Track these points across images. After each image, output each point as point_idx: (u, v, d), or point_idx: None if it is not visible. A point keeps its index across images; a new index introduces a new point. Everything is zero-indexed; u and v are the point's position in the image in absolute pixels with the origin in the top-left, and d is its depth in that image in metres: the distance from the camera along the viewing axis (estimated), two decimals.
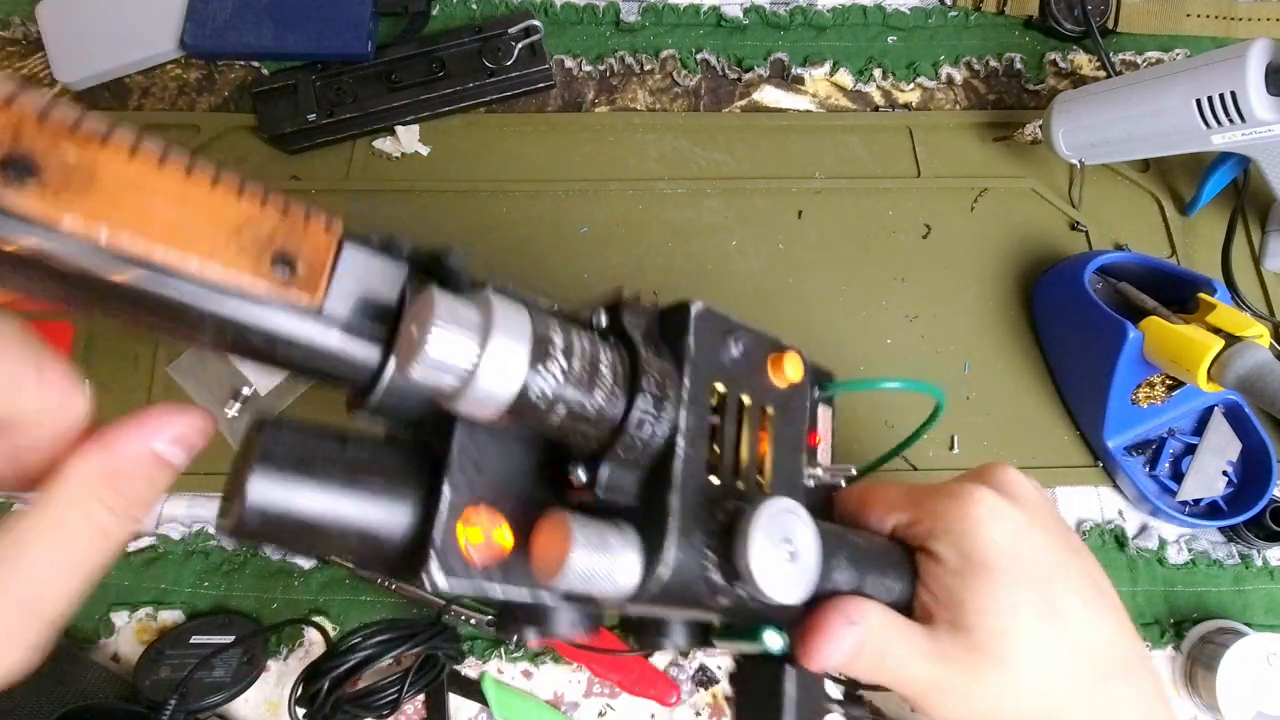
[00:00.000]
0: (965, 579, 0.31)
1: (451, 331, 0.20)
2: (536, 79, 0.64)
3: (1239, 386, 0.45)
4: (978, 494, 0.33)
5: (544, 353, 0.22)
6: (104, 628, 0.51)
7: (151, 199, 0.19)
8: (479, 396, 0.21)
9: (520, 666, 0.51)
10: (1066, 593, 0.32)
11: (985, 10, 0.69)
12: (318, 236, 0.21)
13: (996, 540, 0.32)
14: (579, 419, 0.23)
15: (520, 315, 0.22)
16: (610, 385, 0.24)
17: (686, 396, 0.25)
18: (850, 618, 0.30)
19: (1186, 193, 0.62)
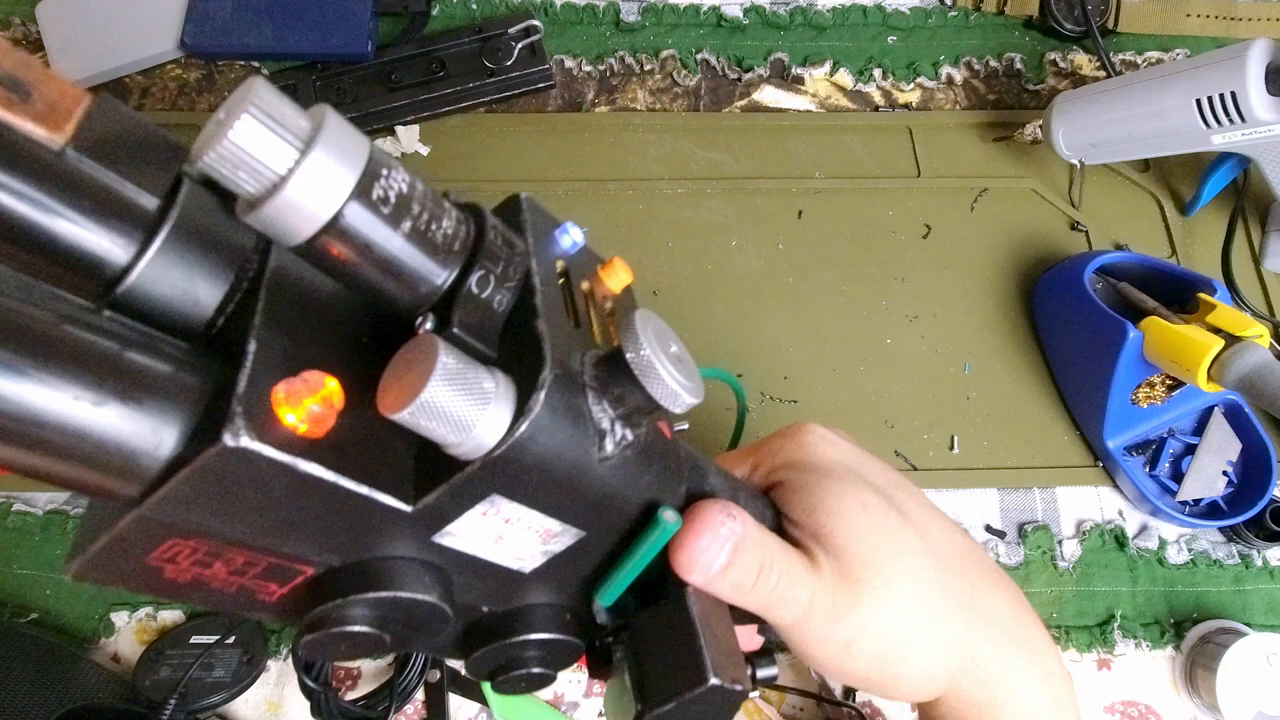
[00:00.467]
0: (813, 491, 0.32)
1: (268, 125, 0.17)
2: (536, 79, 0.64)
3: (1239, 386, 0.45)
4: (806, 426, 0.35)
5: (370, 184, 0.18)
6: (104, 628, 0.51)
7: None
8: (281, 211, 0.17)
9: None
10: (910, 501, 0.33)
11: (985, 10, 0.69)
12: (58, 83, 0.18)
13: (831, 456, 0.33)
14: (401, 271, 0.20)
15: (359, 140, 0.18)
16: (449, 236, 0.20)
17: (535, 255, 0.23)
18: (729, 511, 0.27)
19: (1186, 193, 0.62)
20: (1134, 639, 0.52)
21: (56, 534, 0.53)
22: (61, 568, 0.22)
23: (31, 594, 0.52)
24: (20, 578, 0.52)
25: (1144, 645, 0.52)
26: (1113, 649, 0.51)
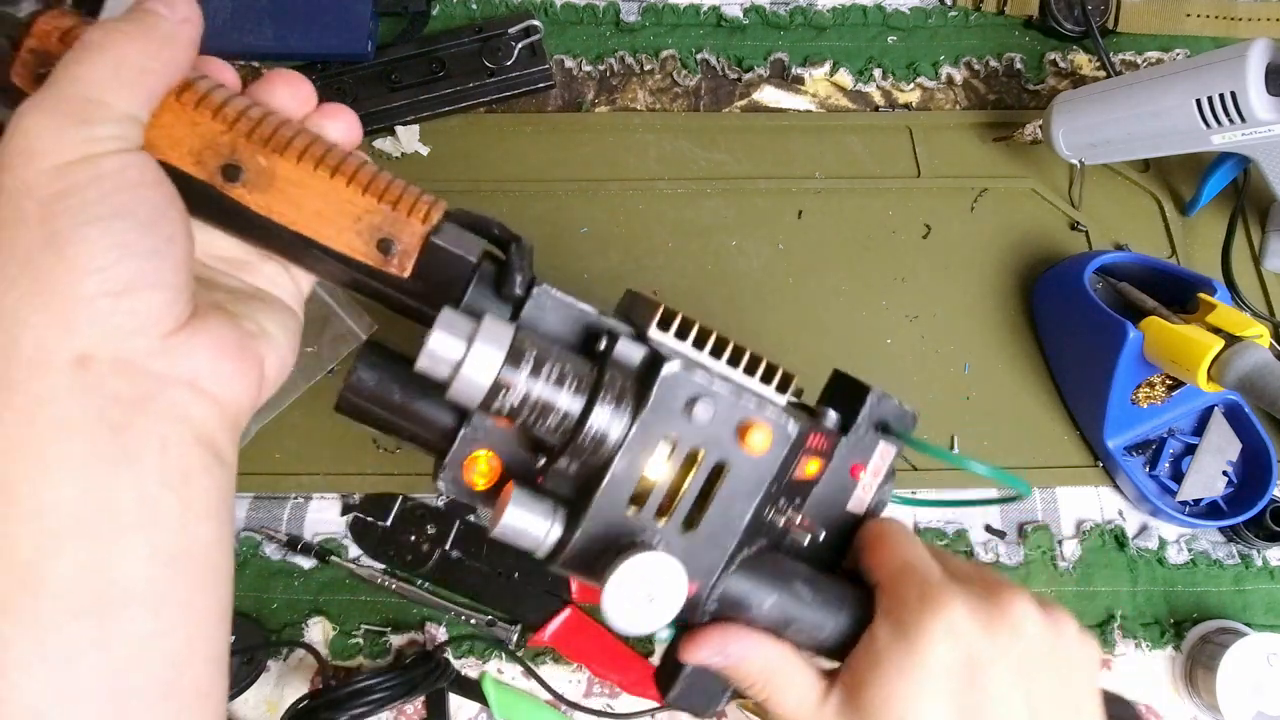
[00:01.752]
0: (881, 668, 0.31)
1: (446, 334, 0.28)
2: (536, 79, 0.64)
3: (1239, 386, 0.45)
4: (949, 610, 0.31)
5: (517, 359, 0.28)
6: None
7: (305, 193, 0.29)
8: (463, 384, 0.28)
9: (520, 666, 0.51)
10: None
11: (985, 10, 0.69)
12: (415, 227, 0.30)
13: (936, 656, 0.30)
14: (543, 419, 0.29)
15: (504, 330, 0.28)
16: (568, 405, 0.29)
17: (628, 440, 0.29)
18: (721, 650, 0.32)
19: (1186, 193, 0.62)
20: (1134, 639, 0.52)
21: None
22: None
23: None
24: None
25: (1144, 645, 0.52)
26: (1113, 649, 0.51)
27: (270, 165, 0.29)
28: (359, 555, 0.53)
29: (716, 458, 0.30)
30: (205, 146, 0.28)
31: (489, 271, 0.32)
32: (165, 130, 0.28)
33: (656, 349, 0.30)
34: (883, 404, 0.35)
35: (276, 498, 0.54)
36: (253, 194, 0.29)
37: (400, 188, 0.30)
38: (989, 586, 0.32)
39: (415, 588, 0.52)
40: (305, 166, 0.29)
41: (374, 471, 0.55)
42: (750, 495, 0.31)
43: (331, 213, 0.29)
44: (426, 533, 0.53)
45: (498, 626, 0.51)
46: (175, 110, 0.28)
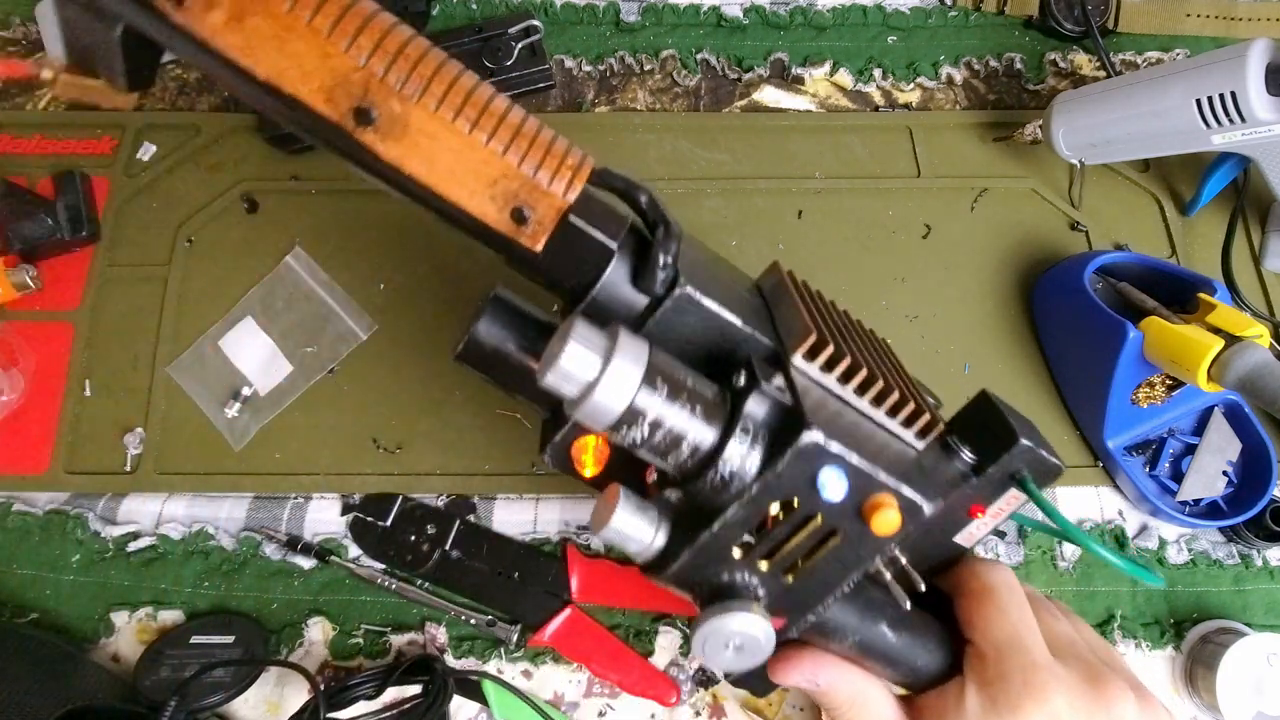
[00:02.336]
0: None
1: (583, 348, 0.25)
2: (536, 79, 0.64)
3: (1239, 386, 0.45)
4: (1054, 695, 0.30)
5: (652, 383, 0.26)
6: (104, 628, 0.51)
7: (440, 147, 0.27)
8: (594, 406, 0.26)
9: (520, 666, 0.51)
10: None
11: (985, 10, 0.69)
12: (553, 200, 0.28)
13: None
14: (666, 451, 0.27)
15: (640, 347, 0.26)
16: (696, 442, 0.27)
17: (750, 495, 0.27)
18: (813, 678, 0.33)
19: (1186, 193, 0.62)
20: (1134, 639, 0.52)
21: (56, 534, 0.53)
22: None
23: (31, 594, 0.52)
24: (20, 578, 0.52)
25: (1144, 645, 0.52)
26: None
27: (404, 112, 0.26)
28: (359, 555, 0.53)
29: (832, 526, 0.28)
30: (337, 84, 0.26)
31: (629, 246, 0.29)
32: (297, 60, 0.25)
33: (795, 380, 0.28)
34: (1026, 455, 0.31)
35: (276, 498, 0.54)
36: (385, 142, 0.26)
37: (545, 144, 0.28)
38: (1093, 674, 0.32)
39: (415, 588, 0.52)
40: (442, 116, 0.26)
41: (374, 471, 0.55)
42: (860, 563, 0.29)
43: (466, 172, 0.27)
44: (426, 533, 0.53)
45: (498, 626, 0.51)
46: (308, 37, 0.25)
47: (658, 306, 0.28)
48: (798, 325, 0.29)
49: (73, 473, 0.55)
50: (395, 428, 0.56)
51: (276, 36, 0.25)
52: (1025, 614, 0.33)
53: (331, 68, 0.26)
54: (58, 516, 0.53)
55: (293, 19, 0.25)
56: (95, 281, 0.59)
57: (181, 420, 0.56)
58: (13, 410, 0.56)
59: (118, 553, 0.53)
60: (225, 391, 0.56)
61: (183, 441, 0.56)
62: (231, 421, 0.56)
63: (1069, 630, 0.34)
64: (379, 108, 0.26)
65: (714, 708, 0.51)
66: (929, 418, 0.29)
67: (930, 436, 0.29)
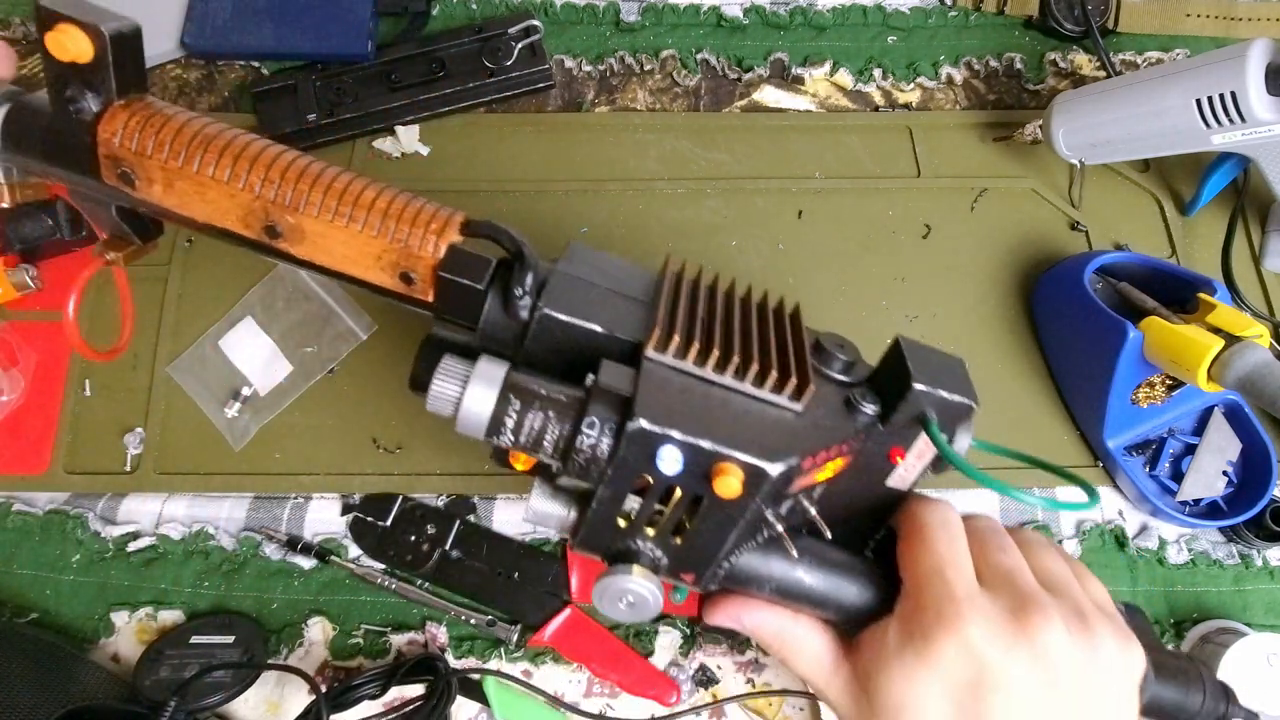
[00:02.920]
0: (890, 667, 0.32)
1: (445, 380, 0.31)
2: (536, 79, 0.64)
3: (1239, 386, 0.45)
4: (966, 625, 0.30)
5: (505, 400, 0.31)
6: (104, 628, 0.51)
7: (331, 241, 0.34)
8: (464, 422, 0.31)
9: (520, 666, 0.51)
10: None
11: (985, 10, 0.69)
12: (426, 261, 0.34)
13: (944, 669, 0.30)
14: (534, 447, 0.32)
15: (497, 370, 0.31)
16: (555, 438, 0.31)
17: (607, 479, 0.31)
18: (736, 619, 0.35)
19: (1186, 193, 0.62)
20: None
21: (56, 534, 0.53)
22: None
23: (31, 594, 0.52)
24: (20, 578, 0.52)
25: None
26: None
27: (297, 222, 0.34)
28: (359, 555, 0.53)
29: (693, 494, 0.31)
30: (247, 213, 0.34)
31: (501, 281, 0.34)
32: (215, 204, 0.34)
33: (648, 369, 0.31)
34: (923, 398, 0.33)
35: (276, 498, 0.54)
36: (293, 246, 0.35)
37: (412, 216, 0.34)
38: (1021, 603, 0.31)
39: (415, 588, 0.52)
40: (324, 219, 0.34)
41: (374, 471, 0.55)
42: (730, 521, 0.31)
43: (356, 255, 0.34)
44: (426, 533, 0.53)
45: (498, 626, 0.51)
46: (215, 187, 0.34)
47: (528, 328, 0.33)
48: (652, 319, 0.33)
49: (73, 473, 0.55)
50: (395, 428, 0.56)
51: (196, 192, 0.34)
52: (953, 547, 0.33)
53: (239, 203, 0.34)
54: (58, 516, 0.53)
55: (201, 177, 0.34)
56: (95, 281, 0.59)
57: (181, 420, 0.56)
58: (13, 410, 0.56)
59: (118, 553, 0.53)
60: (225, 391, 0.56)
61: (183, 441, 0.56)
62: (231, 421, 0.56)
63: (1009, 561, 0.33)
64: (280, 223, 0.34)
65: (714, 708, 0.51)
66: (796, 381, 0.32)
67: (805, 397, 0.32)
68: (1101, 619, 0.32)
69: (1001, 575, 0.33)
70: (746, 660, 0.52)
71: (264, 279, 0.59)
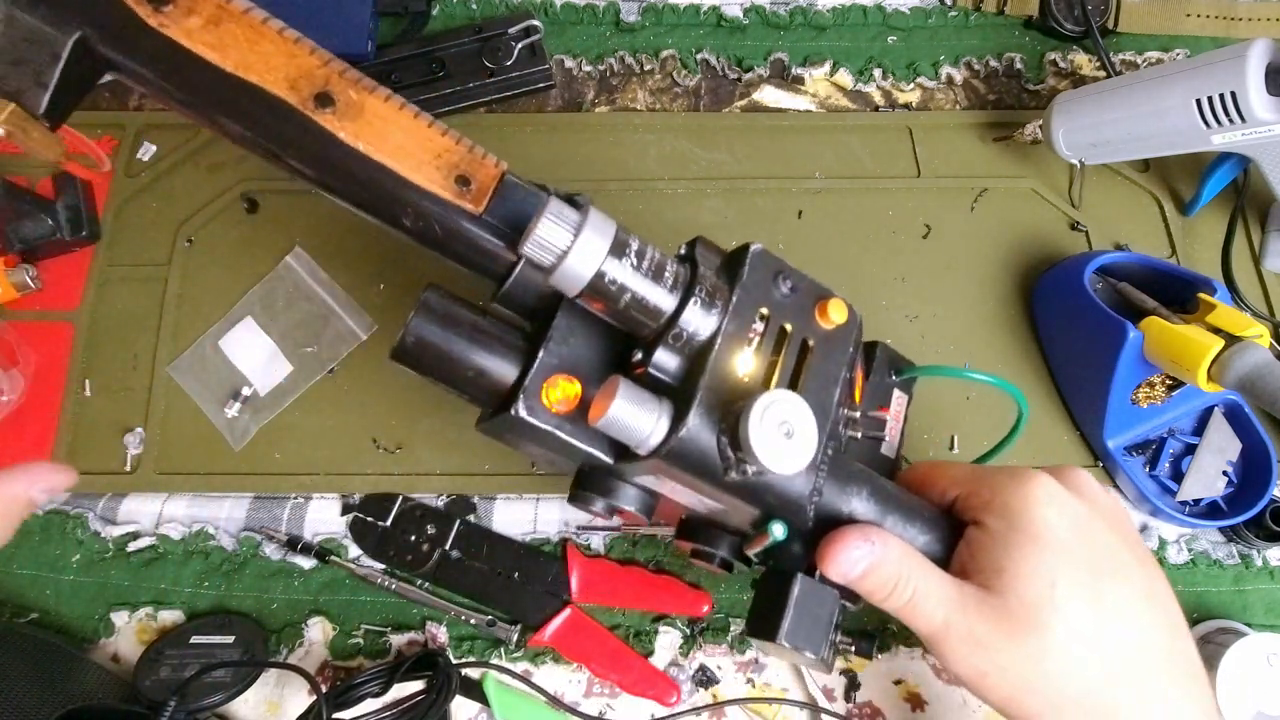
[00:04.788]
0: (1009, 548, 0.32)
1: (555, 221, 0.29)
2: (536, 79, 0.64)
3: (1239, 386, 0.45)
4: (1040, 478, 0.34)
5: (620, 250, 0.30)
6: (104, 628, 0.51)
7: (391, 127, 0.32)
8: (568, 272, 0.29)
9: (520, 666, 0.51)
10: (1117, 585, 0.33)
11: (985, 10, 0.69)
12: (489, 169, 0.33)
13: (1049, 519, 0.33)
14: (641, 307, 0.31)
15: (608, 223, 0.31)
16: (670, 285, 0.31)
17: (732, 309, 0.31)
18: (869, 538, 0.33)
19: (1186, 193, 0.62)
20: None
21: (56, 534, 0.53)
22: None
23: (31, 594, 0.52)
24: (20, 578, 0.52)
25: None
26: None
27: (360, 99, 0.32)
28: (359, 555, 0.53)
29: (802, 335, 0.33)
30: (301, 75, 0.31)
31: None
32: (264, 57, 0.31)
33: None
34: (885, 352, 0.39)
35: (276, 498, 0.54)
36: (342, 122, 0.32)
37: (471, 142, 0.34)
38: (1050, 469, 0.35)
39: (415, 588, 0.52)
40: (392, 105, 0.32)
41: (374, 471, 0.55)
42: (836, 369, 0.33)
43: (414, 147, 0.32)
44: (426, 533, 0.53)
45: (498, 626, 0.51)
46: (278, 42, 0.31)
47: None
48: None
49: None
50: (395, 428, 0.56)
51: (248, 39, 0.31)
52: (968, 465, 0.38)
53: (297, 64, 0.31)
54: (58, 516, 0.53)
55: (265, 28, 0.31)
56: (95, 281, 0.59)
57: (181, 420, 0.56)
58: (13, 410, 0.56)
59: (118, 553, 0.53)
60: (225, 391, 0.56)
61: (183, 441, 0.56)
62: (231, 421, 0.56)
63: None
64: (339, 95, 0.32)
65: (714, 708, 0.51)
66: None
67: None
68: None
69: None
70: (746, 660, 0.52)
71: (264, 279, 0.59)
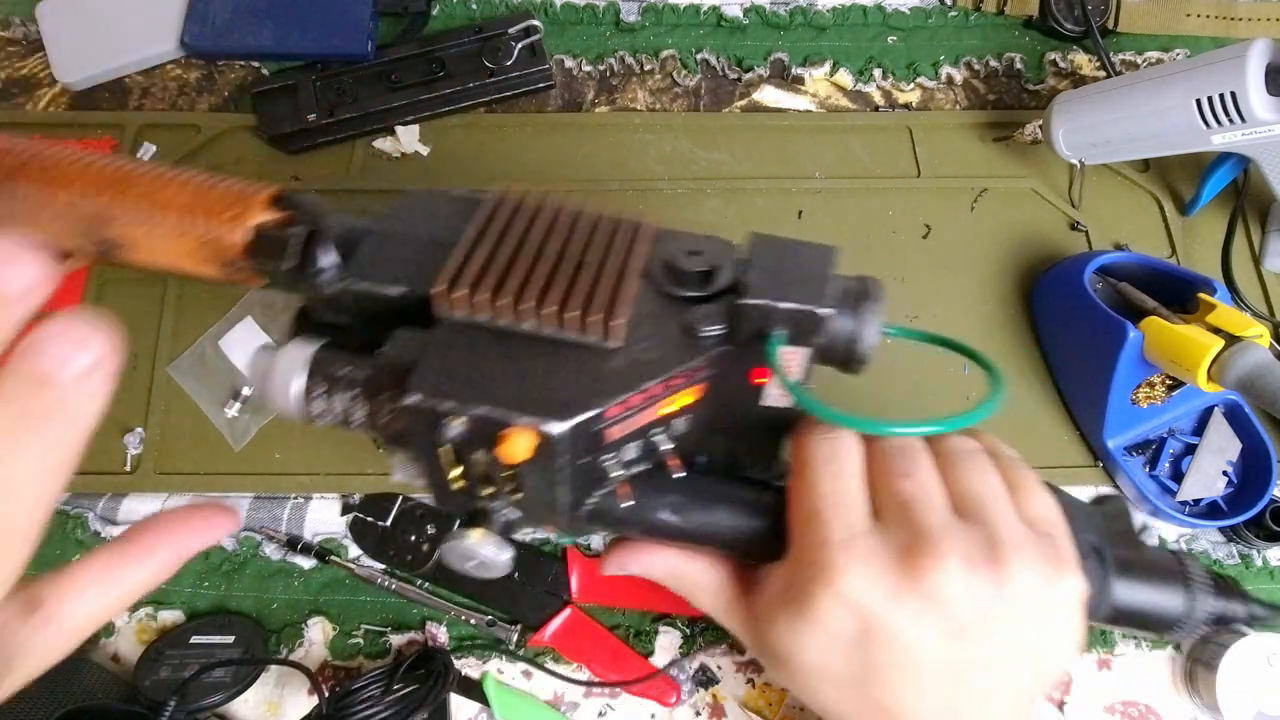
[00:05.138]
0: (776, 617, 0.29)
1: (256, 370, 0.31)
2: (536, 79, 0.64)
3: (1239, 386, 0.45)
4: (844, 575, 0.27)
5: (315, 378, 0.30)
6: (104, 628, 0.51)
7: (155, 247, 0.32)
8: (281, 408, 0.30)
9: (520, 666, 0.51)
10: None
11: (985, 10, 0.69)
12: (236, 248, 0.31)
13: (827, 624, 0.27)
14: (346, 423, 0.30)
15: (300, 353, 0.30)
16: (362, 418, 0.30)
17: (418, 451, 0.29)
18: (621, 567, 0.34)
19: (1186, 193, 0.62)
20: (1134, 639, 0.52)
21: (56, 534, 0.53)
22: None
23: None
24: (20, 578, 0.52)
25: (1144, 645, 0.52)
26: (1113, 649, 0.51)
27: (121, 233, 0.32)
28: (359, 555, 0.53)
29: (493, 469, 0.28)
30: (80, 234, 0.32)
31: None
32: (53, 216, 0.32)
33: (444, 328, 0.28)
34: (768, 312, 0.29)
35: (276, 498, 0.54)
36: (132, 256, 0.32)
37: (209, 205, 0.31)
38: (914, 540, 0.27)
39: (415, 588, 0.52)
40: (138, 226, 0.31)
41: (374, 471, 0.55)
42: (550, 479, 0.28)
43: (179, 254, 0.32)
44: (426, 533, 0.53)
45: (498, 626, 0.51)
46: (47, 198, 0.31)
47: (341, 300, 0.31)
48: (444, 267, 0.29)
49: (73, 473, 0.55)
50: None
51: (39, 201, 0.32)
52: (838, 483, 0.29)
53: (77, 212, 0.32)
54: (58, 516, 0.53)
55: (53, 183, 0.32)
56: (95, 281, 0.59)
57: (181, 420, 0.56)
58: None
59: None
60: (225, 391, 0.56)
61: (183, 441, 0.56)
62: (231, 421, 0.56)
63: (911, 488, 0.29)
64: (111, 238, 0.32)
65: (714, 708, 0.51)
66: (601, 315, 0.27)
67: (616, 332, 0.28)
68: (1020, 546, 0.27)
69: (899, 507, 0.28)
70: (746, 660, 0.52)
71: None
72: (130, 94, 0.65)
